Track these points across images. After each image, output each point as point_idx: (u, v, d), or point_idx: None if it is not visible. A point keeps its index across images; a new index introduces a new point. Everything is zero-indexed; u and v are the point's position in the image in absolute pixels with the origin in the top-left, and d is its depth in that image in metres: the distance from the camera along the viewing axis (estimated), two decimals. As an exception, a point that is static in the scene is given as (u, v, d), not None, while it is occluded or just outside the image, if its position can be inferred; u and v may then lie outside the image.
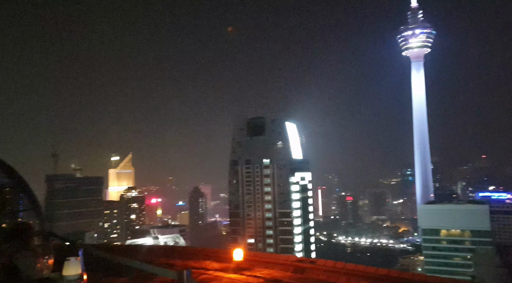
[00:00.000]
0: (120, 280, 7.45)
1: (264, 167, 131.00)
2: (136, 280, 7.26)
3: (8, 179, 6.21)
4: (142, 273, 7.60)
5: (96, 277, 7.11)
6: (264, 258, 9.64)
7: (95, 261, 7.01)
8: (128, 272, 7.76)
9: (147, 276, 7.47)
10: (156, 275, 6.57)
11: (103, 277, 7.38)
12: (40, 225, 6.22)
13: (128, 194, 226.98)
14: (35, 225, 6.14)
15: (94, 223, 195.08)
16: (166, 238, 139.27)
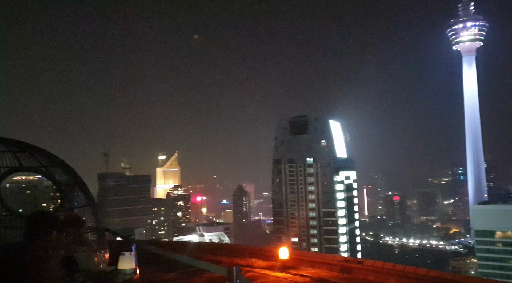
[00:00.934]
0: (170, 275, 7.70)
1: (307, 166, 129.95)
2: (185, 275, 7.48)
3: (66, 176, 6.58)
4: (191, 269, 7.81)
5: (147, 272, 7.39)
6: (309, 257, 9.56)
7: (146, 256, 7.27)
8: (177, 267, 8.00)
9: (196, 271, 7.66)
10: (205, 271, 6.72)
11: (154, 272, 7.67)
12: (95, 221, 6.54)
13: (174, 192, 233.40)
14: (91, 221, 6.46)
15: (143, 220, 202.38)
16: (211, 236, 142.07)
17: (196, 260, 4.19)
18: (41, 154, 6.39)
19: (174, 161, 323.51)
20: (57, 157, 6.61)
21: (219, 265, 5.72)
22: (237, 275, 3.32)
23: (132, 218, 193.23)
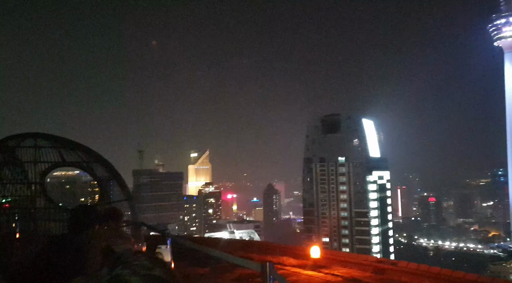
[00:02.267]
0: (203, 270, 7.86)
1: (339, 165, 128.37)
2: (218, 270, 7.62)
3: (105, 172, 6.84)
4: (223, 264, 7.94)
5: (182, 266, 7.57)
6: (341, 257, 9.48)
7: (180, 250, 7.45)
8: (210, 262, 8.15)
9: (229, 267, 7.78)
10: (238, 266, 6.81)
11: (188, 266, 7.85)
12: (132, 215, 6.77)
13: (205, 189, 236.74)
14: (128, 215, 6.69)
15: (175, 216, 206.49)
16: (241, 233, 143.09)
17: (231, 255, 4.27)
18: (82, 150, 6.69)
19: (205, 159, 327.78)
20: (97, 153, 6.88)
21: (251, 262, 5.79)
22: (270, 271, 3.36)
23: (165, 214, 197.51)
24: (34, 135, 6.27)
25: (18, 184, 6.10)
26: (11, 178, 6.06)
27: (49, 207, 6.01)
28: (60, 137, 6.57)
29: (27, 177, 6.15)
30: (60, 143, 6.38)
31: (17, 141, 6.22)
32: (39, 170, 5.97)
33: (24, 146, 6.16)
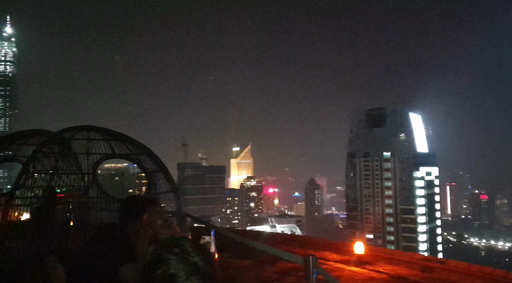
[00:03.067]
0: (245, 262, 7.95)
1: (384, 160, 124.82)
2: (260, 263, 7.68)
3: (152, 164, 7.07)
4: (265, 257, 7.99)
5: (224, 257, 7.71)
6: (386, 254, 9.24)
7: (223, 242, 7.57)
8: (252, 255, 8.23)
9: (271, 260, 7.83)
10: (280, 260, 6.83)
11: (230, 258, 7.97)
12: (177, 206, 6.96)
13: (247, 183, 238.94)
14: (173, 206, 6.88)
15: (218, 209, 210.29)
16: (283, 227, 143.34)
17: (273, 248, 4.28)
18: (131, 143, 6.94)
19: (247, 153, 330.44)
20: (144, 145, 7.13)
21: (293, 255, 5.77)
22: (314, 265, 3.33)
23: (208, 206, 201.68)
24: (87, 128, 6.58)
25: (72, 175, 6.43)
26: (66, 169, 6.39)
27: (100, 197, 6.30)
28: (111, 130, 6.85)
29: (80, 168, 6.46)
30: (111, 136, 6.66)
31: (71, 133, 6.55)
32: (91, 162, 6.26)
33: (77, 139, 6.48)
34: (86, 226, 6.24)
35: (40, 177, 6.56)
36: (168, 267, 1.17)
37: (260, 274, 7.31)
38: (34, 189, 6.48)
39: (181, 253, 1.19)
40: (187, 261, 1.17)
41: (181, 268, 1.16)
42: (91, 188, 6.41)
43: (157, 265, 1.18)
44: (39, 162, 6.49)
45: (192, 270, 1.17)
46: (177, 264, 1.17)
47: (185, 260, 1.18)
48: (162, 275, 1.16)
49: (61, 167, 6.35)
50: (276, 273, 7.51)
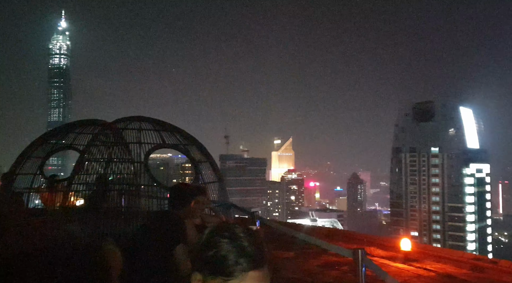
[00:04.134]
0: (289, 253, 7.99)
1: (431, 156, 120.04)
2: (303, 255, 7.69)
3: (199, 154, 7.24)
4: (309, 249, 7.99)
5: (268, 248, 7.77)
6: (434, 252, 8.94)
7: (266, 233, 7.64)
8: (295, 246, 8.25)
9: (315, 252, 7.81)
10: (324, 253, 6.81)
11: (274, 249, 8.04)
12: (223, 196, 7.10)
13: (288, 176, 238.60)
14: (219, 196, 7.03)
15: (259, 201, 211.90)
16: (324, 222, 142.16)
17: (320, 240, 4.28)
18: (179, 133, 7.15)
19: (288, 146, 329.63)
20: (192, 136, 7.31)
21: (338, 249, 5.73)
22: (363, 258, 3.29)
23: (249, 198, 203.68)
24: (139, 119, 6.85)
25: (124, 163, 6.71)
26: (119, 158, 6.67)
27: (151, 185, 6.55)
28: (161, 121, 7.09)
29: (131, 156, 6.72)
30: (161, 126, 6.89)
31: (125, 123, 6.85)
32: (143, 151, 6.52)
33: (130, 128, 6.76)
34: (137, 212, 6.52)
35: (95, 165, 6.93)
36: (218, 249, 1.23)
37: (303, 266, 7.32)
38: (89, 176, 6.85)
39: (232, 237, 1.25)
40: (237, 245, 1.23)
41: (231, 251, 1.22)
42: (142, 176, 6.67)
43: (208, 247, 1.25)
44: (95, 151, 6.85)
45: (241, 253, 1.22)
46: (227, 247, 1.23)
47: (235, 244, 1.23)
48: (213, 256, 1.23)
49: (114, 156, 6.67)
50: (319, 266, 7.48)
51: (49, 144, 7.81)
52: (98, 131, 6.99)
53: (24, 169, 7.40)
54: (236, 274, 1.21)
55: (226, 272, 1.21)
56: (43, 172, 7.83)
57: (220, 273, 1.22)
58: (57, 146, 7.66)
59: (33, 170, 7.53)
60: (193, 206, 4.33)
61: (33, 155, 7.41)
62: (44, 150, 7.67)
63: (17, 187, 7.43)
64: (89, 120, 7.56)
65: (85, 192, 6.95)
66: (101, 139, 6.91)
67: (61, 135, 7.92)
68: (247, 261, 1.22)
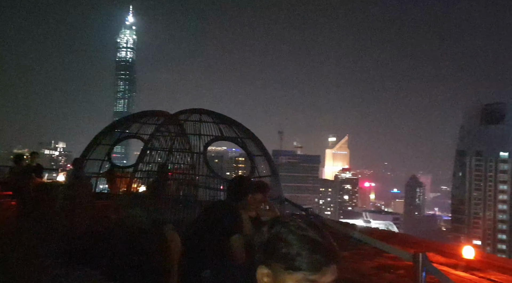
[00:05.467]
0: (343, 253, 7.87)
1: (500, 161, 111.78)
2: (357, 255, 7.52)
3: (255, 148, 7.33)
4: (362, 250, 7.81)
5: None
6: (499, 262, 8.36)
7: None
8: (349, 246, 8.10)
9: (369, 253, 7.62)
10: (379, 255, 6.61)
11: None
12: (277, 191, 7.14)
13: (342, 174, 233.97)
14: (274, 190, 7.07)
15: (310, 199, 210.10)
16: (378, 224, 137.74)
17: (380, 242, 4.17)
18: (237, 126, 7.30)
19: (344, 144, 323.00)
20: (249, 130, 7.43)
21: (394, 252, 5.55)
22: (424, 262, 3.17)
23: (301, 195, 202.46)
24: (199, 111, 7.08)
25: (184, 153, 6.96)
26: (180, 148, 6.94)
27: (209, 176, 6.75)
28: (220, 114, 7.28)
29: (191, 148, 6.95)
30: (220, 119, 7.07)
31: (186, 115, 7.11)
32: (202, 142, 6.73)
33: (190, 120, 7.01)
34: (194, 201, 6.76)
35: (157, 154, 7.27)
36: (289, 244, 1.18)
37: (358, 267, 7.16)
38: (151, 164, 7.21)
39: (300, 230, 1.20)
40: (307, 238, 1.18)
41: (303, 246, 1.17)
42: (200, 167, 6.90)
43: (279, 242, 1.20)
44: (158, 141, 7.19)
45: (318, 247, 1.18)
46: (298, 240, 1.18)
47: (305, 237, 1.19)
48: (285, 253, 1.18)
49: (175, 146, 6.95)
50: (373, 268, 7.29)
51: (116, 133, 8.33)
52: (161, 122, 7.33)
53: (94, 155, 7.95)
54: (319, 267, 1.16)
55: (309, 267, 1.16)
56: (110, 159, 8.37)
57: (300, 268, 1.16)
58: (124, 134, 8.14)
59: (101, 157, 8.07)
60: (250, 200, 4.42)
61: (102, 143, 7.93)
62: (112, 138, 8.20)
63: (86, 172, 8.00)
64: (153, 111, 7.95)
65: (147, 180, 7.32)
66: (163, 130, 7.24)
67: (127, 125, 8.39)
68: (326, 255, 1.17)
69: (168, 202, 6.83)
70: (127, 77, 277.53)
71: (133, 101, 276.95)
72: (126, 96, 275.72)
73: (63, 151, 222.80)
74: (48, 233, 7.59)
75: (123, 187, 8.14)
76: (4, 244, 7.07)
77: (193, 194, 7.08)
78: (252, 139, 7.30)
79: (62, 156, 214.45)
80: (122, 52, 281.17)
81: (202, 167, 6.86)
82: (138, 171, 6.94)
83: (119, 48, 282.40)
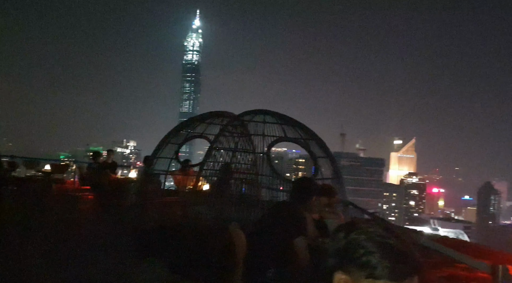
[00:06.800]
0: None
1: None
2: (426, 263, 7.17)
3: (319, 149, 7.25)
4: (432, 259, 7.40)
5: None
6: None
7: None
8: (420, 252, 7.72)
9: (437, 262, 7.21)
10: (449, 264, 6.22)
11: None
12: (341, 194, 7.00)
13: (408, 179, 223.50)
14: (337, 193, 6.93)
15: (373, 203, 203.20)
16: (447, 232, 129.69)
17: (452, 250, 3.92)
18: (300, 127, 7.27)
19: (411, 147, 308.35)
20: (313, 131, 7.37)
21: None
22: (504, 275, 2.93)
23: (363, 199, 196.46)
24: (263, 112, 7.15)
25: (247, 153, 7.07)
26: (244, 148, 7.06)
27: (271, 176, 6.79)
28: (284, 115, 7.29)
29: (254, 148, 7.04)
30: (283, 120, 7.09)
31: (250, 116, 7.23)
32: (266, 143, 6.80)
33: (255, 121, 7.10)
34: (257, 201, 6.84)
35: (222, 154, 7.47)
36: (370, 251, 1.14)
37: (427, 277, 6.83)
38: (216, 163, 7.42)
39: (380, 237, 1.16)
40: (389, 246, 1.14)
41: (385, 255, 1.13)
42: (263, 167, 6.98)
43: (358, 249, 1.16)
44: (222, 141, 7.39)
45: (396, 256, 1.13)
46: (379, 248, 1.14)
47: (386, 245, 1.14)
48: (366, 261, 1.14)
49: (239, 146, 7.10)
50: (442, 278, 6.88)
51: (183, 133, 8.68)
52: (226, 123, 7.52)
53: (163, 153, 8.35)
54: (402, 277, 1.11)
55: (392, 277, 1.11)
56: (177, 157, 8.75)
57: (381, 277, 1.12)
58: (191, 134, 8.47)
59: (169, 155, 8.46)
60: (314, 201, 4.37)
61: (171, 142, 8.31)
62: (180, 138, 8.56)
63: (156, 169, 8.43)
64: (219, 112, 8.17)
65: (212, 178, 7.55)
66: (228, 130, 7.42)
67: (194, 125, 8.71)
68: (410, 265, 1.13)
69: (232, 200, 6.99)
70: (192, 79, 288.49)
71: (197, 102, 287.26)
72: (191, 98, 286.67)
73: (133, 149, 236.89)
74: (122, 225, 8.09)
75: (189, 185, 8.46)
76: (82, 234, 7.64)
77: (255, 193, 7.18)
78: (315, 140, 7.23)
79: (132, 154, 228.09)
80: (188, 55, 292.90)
81: (265, 167, 6.92)
82: (204, 169, 7.17)
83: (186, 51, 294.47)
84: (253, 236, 3.94)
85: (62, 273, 5.26)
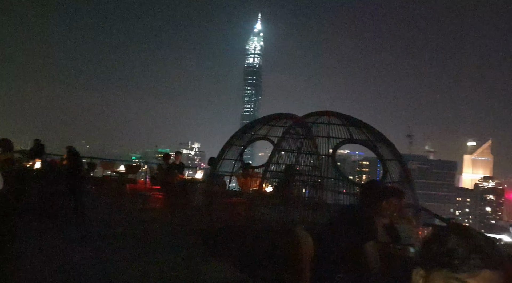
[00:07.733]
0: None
1: None
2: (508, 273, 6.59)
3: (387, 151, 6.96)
4: None
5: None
6: None
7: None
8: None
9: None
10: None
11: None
12: (413, 198, 6.66)
13: (483, 183, 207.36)
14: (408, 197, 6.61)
15: (444, 209, 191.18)
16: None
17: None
18: (367, 129, 7.02)
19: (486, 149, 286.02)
20: (381, 133, 7.08)
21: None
22: None
23: (433, 204, 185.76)
24: (328, 113, 7.02)
25: (311, 156, 6.97)
26: (307, 150, 6.98)
27: (337, 178, 6.64)
28: (350, 116, 7.10)
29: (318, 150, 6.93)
30: (349, 122, 6.90)
31: (314, 118, 7.13)
32: (331, 145, 6.66)
33: (319, 123, 6.99)
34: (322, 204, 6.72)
35: (285, 156, 7.44)
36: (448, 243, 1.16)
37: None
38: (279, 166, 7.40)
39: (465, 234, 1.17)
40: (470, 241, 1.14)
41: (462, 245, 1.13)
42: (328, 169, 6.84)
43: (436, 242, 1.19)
44: (286, 142, 7.36)
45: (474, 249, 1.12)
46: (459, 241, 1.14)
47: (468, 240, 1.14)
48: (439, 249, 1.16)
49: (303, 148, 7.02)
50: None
51: (247, 135, 8.79)
52: (290, 125, 7.48)
53: (228, 155, 8.52)
54: (465, 268, 1.11)
55: (454, 265, 1.12)
56: (242, 159, 8.88)
57: (446, 266, 1.14)
58: (254, 136, 8.54)
59: (234, 157, 8.61)
60: (384, 206, 4.19)
61: (235, 144, 8.45)
62: (243, 140, 8.68)
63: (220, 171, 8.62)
64: (282, 114, 8.15)
65: (275, 180, 7.55)
66: (292, 132, 7.38)
67: (257, 127, 8.78)
68: (481, 258, 1.11)
69: (296, 203, 6.93)
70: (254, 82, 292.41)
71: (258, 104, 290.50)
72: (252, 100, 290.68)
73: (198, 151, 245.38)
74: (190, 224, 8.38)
75: (253, 186, 8.54)
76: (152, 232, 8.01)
77: (320, 196, 7.06)
78: (384, 142, 6.95)
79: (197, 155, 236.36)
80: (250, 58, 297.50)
81: (330, 169, 6.78)
82: (268, 171, 7.19)
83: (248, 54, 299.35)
84: (321, 240, 3.87)
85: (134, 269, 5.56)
